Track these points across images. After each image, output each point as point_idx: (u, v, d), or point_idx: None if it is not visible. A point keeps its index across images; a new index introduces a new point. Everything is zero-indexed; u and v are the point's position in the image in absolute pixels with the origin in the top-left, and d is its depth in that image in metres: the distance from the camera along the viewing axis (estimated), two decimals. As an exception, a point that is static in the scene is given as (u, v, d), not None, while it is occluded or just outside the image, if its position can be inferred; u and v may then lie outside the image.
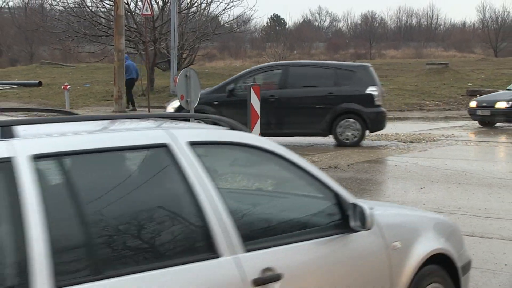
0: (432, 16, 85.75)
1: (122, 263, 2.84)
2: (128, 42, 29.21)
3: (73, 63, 45.28)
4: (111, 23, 28.26)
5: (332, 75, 15.46)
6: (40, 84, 27.87)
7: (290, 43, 68.04)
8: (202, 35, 32.31)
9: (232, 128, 3.56)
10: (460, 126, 20.53)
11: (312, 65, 16.93)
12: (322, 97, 15.29)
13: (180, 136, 3.24)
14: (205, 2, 32.37)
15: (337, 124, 15.20)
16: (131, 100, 25.94)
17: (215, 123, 3.71)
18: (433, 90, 29.49)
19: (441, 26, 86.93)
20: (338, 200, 3.73)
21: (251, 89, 13.11)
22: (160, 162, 3.17)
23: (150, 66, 28.74)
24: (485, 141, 16.71)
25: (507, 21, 72.70)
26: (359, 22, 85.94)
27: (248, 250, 3.20)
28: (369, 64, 16.31)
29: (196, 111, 12.67)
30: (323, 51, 70.15)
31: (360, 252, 3.76)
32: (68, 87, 26.58)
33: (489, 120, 20.47)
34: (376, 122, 15.31)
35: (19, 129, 2.85)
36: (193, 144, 3.25)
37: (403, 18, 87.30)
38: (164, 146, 3.15)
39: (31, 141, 2.80)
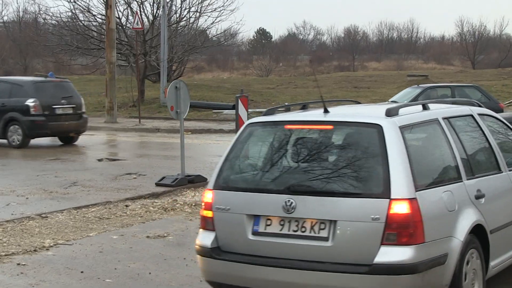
0: (412, 29, 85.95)
1: (479, 170, 5.57)
2: (120, 55, 29.11)
3: (66, 75, 44.86)
4: (103, 36, 28.16)
5: (9, 88, 17.65)
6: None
7: (276, 55, 68.20)
8: (191, 48, 32.28)
9: (480, 106, 6.44)
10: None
11: (1, 81, 18.71)
12: None
13: (474, 111, 6.06)
14: (193, 16, 32.35)
15: (8, 129, 17.37)
16: None
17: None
18: (413, 100, 29.57)
19: (421, 39, 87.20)
20: None
21: (239, 100, 13.08)
22: (471, 123, 5.92)
23: (140, 78, 28.66)
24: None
25: (484, 34, 73.17)
26: (342, 35, 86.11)
27: (509, 171, 5.96)
28: (37, 79, 18.47)
29: None
30: (308, 63, 70.22)
31: None
32: (61, 98, 26.38)
33: None
34: (31, 129, 17.24)
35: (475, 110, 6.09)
36: (480, 114, 6.06)
37: (385, 31, 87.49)
38: (471, 115, 5.95)
39: (475, 108, 6.14)
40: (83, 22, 30.98)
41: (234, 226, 5.10)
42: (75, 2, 29.82)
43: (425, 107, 5.55)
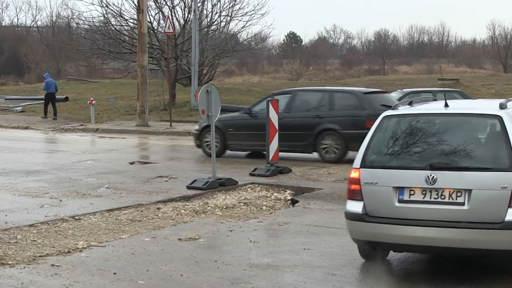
0: (443, 33, 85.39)
1: None
2: (151, 59, 29.30)
3: (98, 79, 45.49)
4: (135, 40, 28.37)
5: None
6: (66, 99, 28.42)
7: (306, 59, 68.06)
8: (221, 52, 32.34)
9: None
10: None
11: None
12: None
13: None
14: (224, 20, 32.43)
15: None
16: (54, 109, 28.48)
17: None
18: (445, 104, 29.22)
19: (452, 43, 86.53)
20: None
21: (270, 104, 13.05)
22: None
23: (171, 82, 28.79)
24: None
25: (516, 38, 72.22)
26: (373, 39, 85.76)
27: None
28: None
29: None
30: (338, 67, 70.00)
31: None
32: (94, 102, 26.70)
33: None
34: None
35: None
36: None
37: (415, 35, 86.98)
38: None
39: None
40: (115, 26, 31.25)
41: (382, 196, 6.42)
42: (107, 7, 30.15)
43: None
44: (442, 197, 6.21)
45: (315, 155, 15.19)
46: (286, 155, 14.96)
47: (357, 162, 6.66)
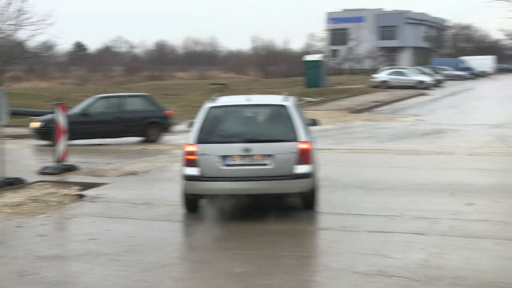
0: (214, 44, 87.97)
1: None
2: None
3: None
4: None
5: None
6: None
7: (92, 66, 66.30)
8: (9, 58, 30.41)
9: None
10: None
11: None
12: None
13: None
14: (12, 29, 30.48)
15: None
16: None
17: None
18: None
19: (221, 53, 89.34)
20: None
21: (59, 108, 12.53)
22: (299, 108, 9.14)
23: (-42, 87, 26.47)
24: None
25: (273, 49, 76.54)
26: (153, 48, 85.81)
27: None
28: None
29: None
30: (122, 73, 69.04)
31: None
32: None
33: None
34: None
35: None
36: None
37: (190, 45, 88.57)
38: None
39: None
40: None
41: (211, 163, 8.02)
42: None
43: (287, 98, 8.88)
44: (254, 161, 7.97)
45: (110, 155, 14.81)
46: (85, 160, 14.46)
47: (193, 140, 8.14)
